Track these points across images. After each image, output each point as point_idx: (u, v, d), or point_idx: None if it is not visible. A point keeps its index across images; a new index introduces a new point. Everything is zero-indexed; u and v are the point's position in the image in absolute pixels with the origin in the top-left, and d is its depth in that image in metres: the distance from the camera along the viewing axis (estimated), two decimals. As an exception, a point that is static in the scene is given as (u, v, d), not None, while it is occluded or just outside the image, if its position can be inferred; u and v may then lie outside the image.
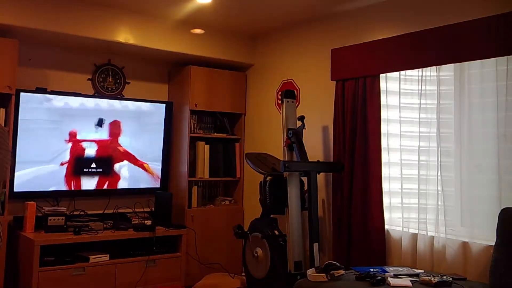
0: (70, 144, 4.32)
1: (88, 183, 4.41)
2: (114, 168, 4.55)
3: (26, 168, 4.12)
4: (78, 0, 4.01)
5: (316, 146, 4.26)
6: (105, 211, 4.59)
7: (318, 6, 4.04)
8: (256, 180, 4.31)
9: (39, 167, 4.17)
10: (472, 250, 3.16)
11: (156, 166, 4.78)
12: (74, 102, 4.32)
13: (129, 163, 4.64)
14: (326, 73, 4.11)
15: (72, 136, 4.33)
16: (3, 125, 3.31)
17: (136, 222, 4.50)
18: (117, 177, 4.56)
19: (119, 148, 4.58)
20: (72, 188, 4.33)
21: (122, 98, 4.71)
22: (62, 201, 4.37)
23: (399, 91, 3.65)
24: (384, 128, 3.70)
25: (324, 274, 3.01)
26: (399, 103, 3.65)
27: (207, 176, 4.90)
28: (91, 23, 4.07)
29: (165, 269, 4.36)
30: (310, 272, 3.12)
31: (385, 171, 3.68)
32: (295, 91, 4.24)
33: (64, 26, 3.95)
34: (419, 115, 3.53)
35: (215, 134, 5.02)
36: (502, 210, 2.85)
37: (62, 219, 4.09)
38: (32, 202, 3.98)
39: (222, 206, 4.98)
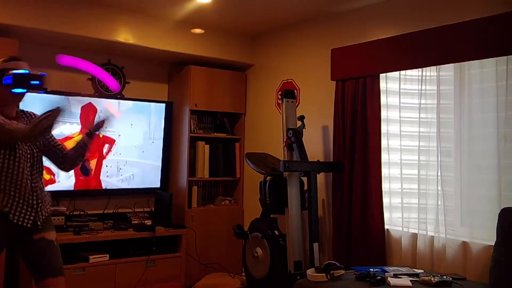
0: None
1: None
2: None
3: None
4: (78, 0, 4.01)
5: (316, 146, 4.26)
6: (105, 211, 4.58)
7: (318, 6, 4.04)
8: (256, 180, 4.31)
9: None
10: (472, 250, 3.16)
11: (156, 166, 4.79)
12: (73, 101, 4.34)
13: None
14: (326, 73, 4.11)
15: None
16: None
17: (136, 222, 4.50)
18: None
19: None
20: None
21: (122, 98, 4.71)
22: (62, 201, 4.36)
23: (399, 91, 3.65)
24: (384, 128, 3.70)
25: (324, 274, 3.01)
26: (399, 103, 3.64)
27: (207, 176, 4.90)
28: (91, 23, 4.07)
29: (165, 269, 4.36)
30: (310, 272, 3.12)
31: (385, 171, 3.68)
32: (295, 91, 4.24)
33: (64, 26, 3.95)
34: (419, 115, 3.53)
35: (215, 134, 5.02)
36: (502, 210, 2.85)
37: (62, 219, 4.09)
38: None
39: (222, 206, 4.98)
